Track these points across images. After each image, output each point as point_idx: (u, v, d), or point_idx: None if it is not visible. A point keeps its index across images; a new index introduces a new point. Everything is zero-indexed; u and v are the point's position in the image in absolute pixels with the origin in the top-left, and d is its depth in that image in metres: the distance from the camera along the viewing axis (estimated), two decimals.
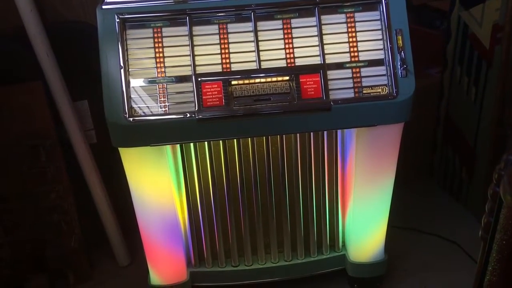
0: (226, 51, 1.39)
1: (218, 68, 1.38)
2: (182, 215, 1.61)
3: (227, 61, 1.39)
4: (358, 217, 1.64)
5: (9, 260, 1.80)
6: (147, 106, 1.35)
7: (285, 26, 1.41)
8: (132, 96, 1.35)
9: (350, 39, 1.41)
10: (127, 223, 1.88)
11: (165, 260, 1.63)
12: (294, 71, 1.39)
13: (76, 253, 1.84)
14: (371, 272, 1.74)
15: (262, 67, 1.39)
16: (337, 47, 1.41)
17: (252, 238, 1.66)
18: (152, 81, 1.36)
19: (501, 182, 0.82)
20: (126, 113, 1.33)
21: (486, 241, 0.93)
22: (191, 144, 1.50)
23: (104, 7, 1.37)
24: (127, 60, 1.35)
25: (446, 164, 2.29)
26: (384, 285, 1.79)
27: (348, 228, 1.70)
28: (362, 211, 1.62)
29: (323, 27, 1.40)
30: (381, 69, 1.41)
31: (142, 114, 1.35)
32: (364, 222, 1.65)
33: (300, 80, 1.38)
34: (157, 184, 1.48)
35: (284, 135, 1.51)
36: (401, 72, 1.39)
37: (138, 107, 1.35)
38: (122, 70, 1.34)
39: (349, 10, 1.42)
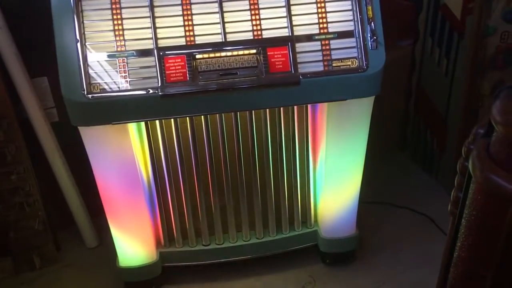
0: (190, 23, 1.32)
1: (182, 41, 1.32)
2: (149, 194, 1.56)
3: (191, 33, 1.32)
4: (329, 192, 1.62)
5: None
6: (107, 82, 1.28)
7: None
8: (90, 71, 1.27)
9: (319, 10, 1.36)
10: (94, 203, 1.81)
11: (133, 240, 1.58)
12: (261, 43, 1.34)
13: (41, 236, 1.78)
14: (343, 247, 1.74)
15: (228, 40, 1.33)
16: (305, 18, 1.36)
17: (223, 216, 1.63)
18: (111, 55, 1.29)
19: (470, 157, 0.80)
20: (84, 90, 1.26)
21: (455, 216, 0.91)
22: (157, 122, 1.44)
23: None
24: (84, 33, 1.27)
25: (418, 136, 2.29)
26: (356, 260, 1.79)
27: (320, 203, 1.68)
28: (333, 186, 1.60)
29: None
30: (350, 41, 1.37)
31: (102, 90, 1.28)
32: (336, 198, 1.63)
33: (268, 53, 1.33)
34: (121, 164, 1.42)
35: (253, 111, 1.47)
36: (371, 44, 1.35)
37: (97, 83, 1.28)
38: (78, 44, 1.26)
39: None
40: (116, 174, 1.44)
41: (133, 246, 1.59)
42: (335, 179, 1.59)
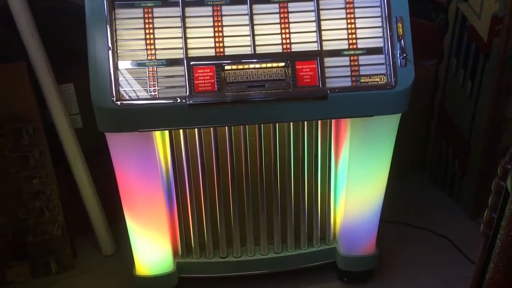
0: (220, 34, 1.33)
1: (211, 52, 1.33)
2: (170, 203, 1.56)
3: (221, 45, 1.33)
4: (350, 210, 1.60)
5: None
6: (136, 90, 1.29)
7: (281, 10, 1.35)
8: (120, 79, 1.29)
9: (349, 26, 1.36)
10: (113, 211, 1.82)
11: (151, 248, 1.58)
12: (290, 57, 1.34)
13: (59, 241, 1.78)
14: (361, 266, 1.71)
15: (257, 52, 1.34)
16: (335, 34, 1.36)
17: (242, 229, 1.62)
18: (141, 64, 1.30)
19: (509, 176, 0.78)
20: (113, 97, 1.27)
21: (488, 237, 0.89)
22: (181, 131, 1.45)
23: None
24: (116, 41, 1.29)
25: (439, 157, 2.27)
26: (374, 279, 1.76)
27: (340, 220, 1.66)
28: (354, 204, 1.59)
29: (321, 12, 1.35)
30: (379, 58, 1.37)
31: (131, 98, 1.29)
32: (357, 215, 1.61)
33: (296, 66, 1.34)
34: (144, 171, 1.42)
35: (277, 124, 1.47)
36: (400, 61, 1.35)
37: (126, 90, 1.29)
38: (110, 52, 1.28)
39: None
40: (139, 180, 1.44)
41: (151, 254, 1.59)
42: (356, 195, 1.57)
